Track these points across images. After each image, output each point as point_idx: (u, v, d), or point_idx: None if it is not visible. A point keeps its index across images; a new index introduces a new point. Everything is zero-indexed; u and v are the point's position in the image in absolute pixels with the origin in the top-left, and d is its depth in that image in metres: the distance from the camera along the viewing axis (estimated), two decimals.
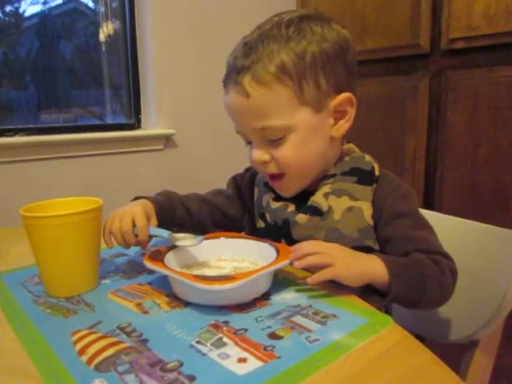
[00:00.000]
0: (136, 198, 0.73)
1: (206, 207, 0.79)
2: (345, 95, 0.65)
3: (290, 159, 0.65)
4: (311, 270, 0.58)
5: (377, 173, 0.69)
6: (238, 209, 0.81)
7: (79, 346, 0.47)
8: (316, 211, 0.67)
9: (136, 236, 0.65)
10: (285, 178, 0.68)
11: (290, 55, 0.61)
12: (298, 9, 0.67)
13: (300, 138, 0.64)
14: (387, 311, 0.69)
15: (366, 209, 0.66)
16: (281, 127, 0.63)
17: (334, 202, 0.67)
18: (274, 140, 0.65)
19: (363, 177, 0.68)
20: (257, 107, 0.63)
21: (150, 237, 0.67)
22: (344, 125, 0.67)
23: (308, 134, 0.65)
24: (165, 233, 0.65)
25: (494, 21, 1.23)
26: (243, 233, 0.80)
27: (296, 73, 0.61)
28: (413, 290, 0.59)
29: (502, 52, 1.24)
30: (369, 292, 0.64)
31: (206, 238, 0.69)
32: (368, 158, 0.71)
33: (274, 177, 0.69)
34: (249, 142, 0.70)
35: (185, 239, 0.65)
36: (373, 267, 0.59)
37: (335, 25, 0.66)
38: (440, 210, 0.84)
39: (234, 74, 0.64)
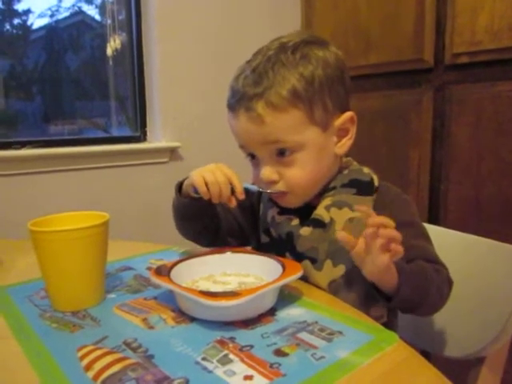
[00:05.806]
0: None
1: (223, 212, 0.79)
2: (348, 114, 0.69)
3: (300, 179, 0.68)
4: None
5: (376, 183, 0.71)
6: (249, 222, 0.81)
7: (85, 361, 0.47)
8: (319, 223, 0.68)
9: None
10: (289, 196, 0.70)
11: (300, 81, 0.64)
12: (296, 32, 0.69)
13: (309, 156, 0.67)
14: (392, 324, 0.68)
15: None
16: (292, 143, 0.66)
17: (336, 213, 0.68)
18: (284, 157, 0.67)
19: (362, 188, 0.70)
20: (271, 131, 0.65)
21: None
22: (347, 142, 0.70)
23: (316, 151, 0.67)
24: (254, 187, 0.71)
25: (497, 36, 1.24)
26: (250, 247, 0.81)
27: (307, 97, 0.64)
28: (417, 293, 0.60)
29: (505, 67, 1.25)
30: (370, 300, 0.65)
31: (211, 253, 0.69)
32: (366, 169, 0.73)
33: (278, 196, 0.70)
34: (251, 156, 0.71)
35: None
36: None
37: (332, 47, 0.70)
38: (444, 223, 0.84)
39: (245, 101, 0.65)
